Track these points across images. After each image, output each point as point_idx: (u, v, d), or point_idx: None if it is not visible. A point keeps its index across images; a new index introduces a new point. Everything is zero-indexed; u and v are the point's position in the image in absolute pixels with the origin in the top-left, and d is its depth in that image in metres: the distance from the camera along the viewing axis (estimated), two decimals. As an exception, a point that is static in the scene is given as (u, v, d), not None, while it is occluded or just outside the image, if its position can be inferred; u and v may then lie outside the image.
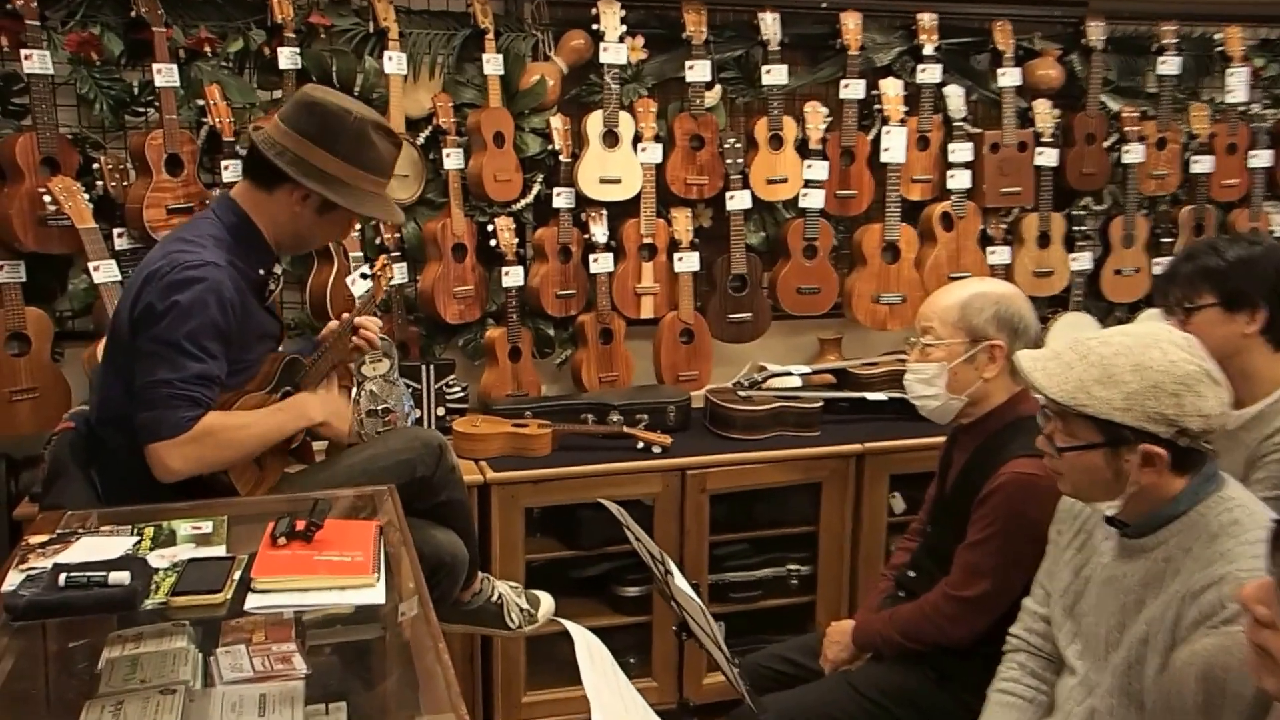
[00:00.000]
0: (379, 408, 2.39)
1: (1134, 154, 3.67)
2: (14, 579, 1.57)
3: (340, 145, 2.10)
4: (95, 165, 2.82)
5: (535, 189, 3.24)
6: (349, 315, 2.39)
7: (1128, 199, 3.71)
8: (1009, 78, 3.55)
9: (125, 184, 2.84)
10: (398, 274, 3.09)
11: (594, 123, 3.22)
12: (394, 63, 3.02)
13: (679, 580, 1.97)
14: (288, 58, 2.92)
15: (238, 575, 1.62)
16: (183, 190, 2.83)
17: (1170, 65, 3.69)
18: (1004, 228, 3.65)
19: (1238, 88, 3.76)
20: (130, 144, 2.89)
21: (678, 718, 2.32)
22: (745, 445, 3.11)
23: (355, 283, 2.96)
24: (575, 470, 2.94)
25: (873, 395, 3.36)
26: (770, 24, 3.32)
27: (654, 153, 3.27)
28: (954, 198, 3.56)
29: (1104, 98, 3.69)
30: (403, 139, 2.92)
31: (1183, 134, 3.77)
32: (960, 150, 3.55)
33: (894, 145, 3.46)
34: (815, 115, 3.40)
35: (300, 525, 1.70)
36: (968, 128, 3.58)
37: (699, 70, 3.28)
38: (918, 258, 3.57)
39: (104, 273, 2.72)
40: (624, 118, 3.24)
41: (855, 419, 3.31)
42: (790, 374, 3.37)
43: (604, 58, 3.19)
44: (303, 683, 1.56)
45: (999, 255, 3.64)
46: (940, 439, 2.37)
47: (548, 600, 2.59)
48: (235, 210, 2.15)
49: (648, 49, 3.30)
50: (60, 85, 2.80)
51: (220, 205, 2.18)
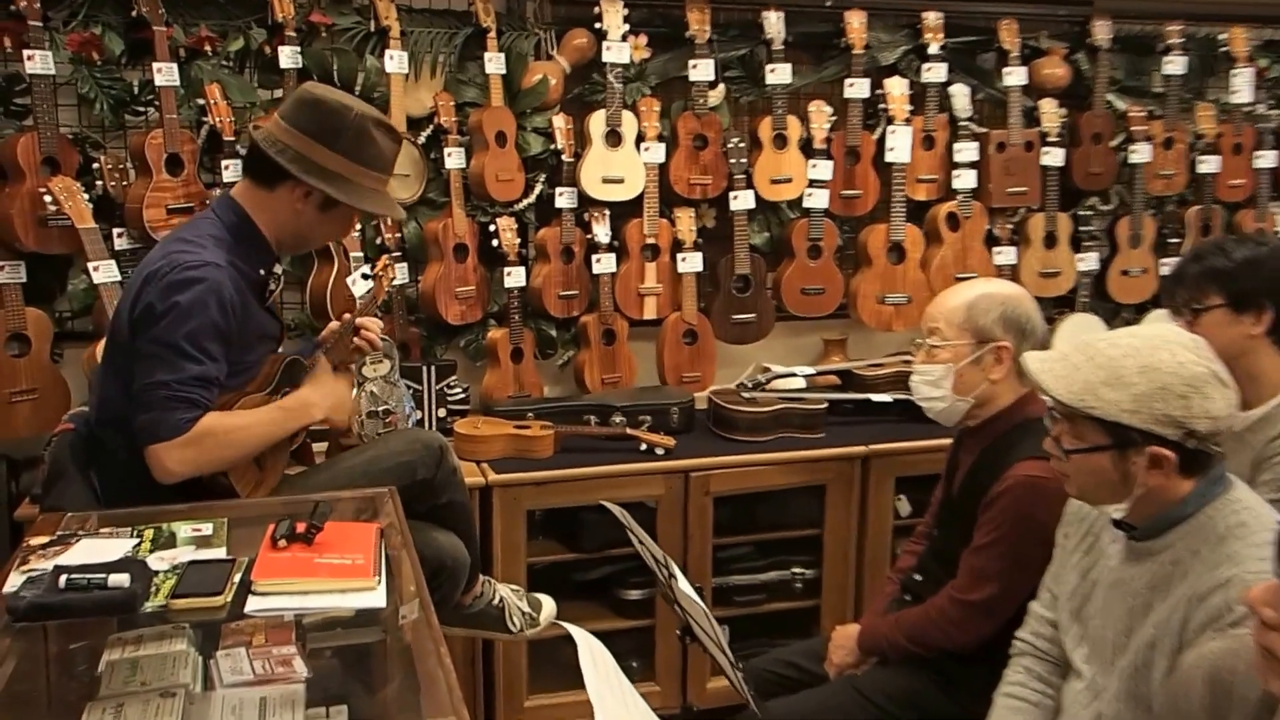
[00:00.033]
0: (380, 409, 2.39)
1: (1141, 154, 3.65)
2: (15, 580, 1.57)
3: (341, 142, 2.10)
4: (95, 165, 2.81)
5: (537, 189, 3.22)
6: (350, 316, 2.38)
7: (1135, 199, 3.69)
8: (1015, 77, 3.54)
9: (125, 184, 2.83)
10: (399, 274, 3.08)
11: (597, 122, 3.21)
12: (395, 62, 3.01)
13: (682, 583, 1.95)
14: (288, 57, 2.91)
15: (238, 578, 1.62)
16: (183, 190, 2.82)
17: (1176, 65, 3.68)
18: (1010, 228, 3.64)
19: (1243, 88, 3.74)
20: (130, 144, 2.88)
21: (681, 722, 2.32)
22: (749, 447, 3.09)
23: (356, 283, 2.95)
24: (577, 472, 2.92)
25: (878, 397, 3.34)
26: (774, 23, 3.31)
27: (657, 152, 3.26)
28: (959, 198, 3.54)
29: (1110, 97, 3.67)
30: (404, 138, 2.91)
31: (1189, 134, 3.76)
32: (966, 150, 3.53)
33: (899, 145, 3.44)
34: (820, 115, 3.39)
35: (301, 527, 1.69)
36: (973, 127, 3.57)
37: (702, 69, 3.27)
38: (923, 258, 3.55)
39: (104, 273, 2.71)
40: (627, 117, 3.23)
41: (860, 421, 3.30)
42: (795, 375, 3.35)
43: (607, 56, 3.18)
44: (303, 686, 1.55)
45: (1005, 255, 3.62)
46: (946, 441, 2.36)
47: (550, 603, 2.58)
48: (235, 210, 2.14)
49: (651, 48, 3.29)
50: (61, 85, 2.80)
51: (220, 205, 2.17)
